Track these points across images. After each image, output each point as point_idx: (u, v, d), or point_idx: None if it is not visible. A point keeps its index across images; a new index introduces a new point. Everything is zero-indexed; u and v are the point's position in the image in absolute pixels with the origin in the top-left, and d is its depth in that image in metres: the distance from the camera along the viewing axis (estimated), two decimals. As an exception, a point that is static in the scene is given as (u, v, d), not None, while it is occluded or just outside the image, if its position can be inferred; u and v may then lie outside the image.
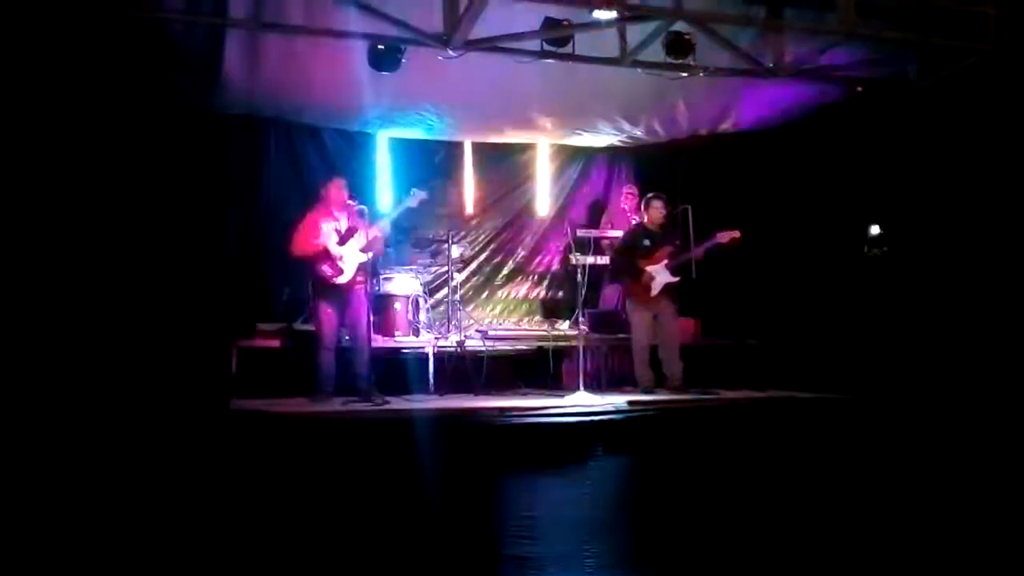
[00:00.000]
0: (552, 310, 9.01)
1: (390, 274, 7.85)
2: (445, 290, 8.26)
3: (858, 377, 6.61)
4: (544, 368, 7.73)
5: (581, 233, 8.38)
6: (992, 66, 6.25)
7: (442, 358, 7.47)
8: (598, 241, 8.58)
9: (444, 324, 8.06)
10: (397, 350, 7.48)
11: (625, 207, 8.83)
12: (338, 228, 6.57)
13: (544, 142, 9.30)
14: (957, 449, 5.50)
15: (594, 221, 9.20)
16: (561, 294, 9.14)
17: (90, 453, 4.41)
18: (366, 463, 4.82)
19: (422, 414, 5.54)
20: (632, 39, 6.45)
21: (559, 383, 7.54)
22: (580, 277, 6.99)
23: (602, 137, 9.06)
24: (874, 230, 7.23)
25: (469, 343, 7.61)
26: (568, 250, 8.11)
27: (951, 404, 5.75)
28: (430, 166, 8.85)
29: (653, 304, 7.13)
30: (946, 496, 5.34)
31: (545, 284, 9.34)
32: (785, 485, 5.34)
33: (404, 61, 6.26)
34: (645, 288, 7.12)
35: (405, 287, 7.90)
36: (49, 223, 4.96)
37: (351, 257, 6.51)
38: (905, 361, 6.54)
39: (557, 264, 9.30)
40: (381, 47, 6.21)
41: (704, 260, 7.17)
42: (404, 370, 7.35)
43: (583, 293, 7.03)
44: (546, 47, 6.33)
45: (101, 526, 4.28)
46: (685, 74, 6.78)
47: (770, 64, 6.76)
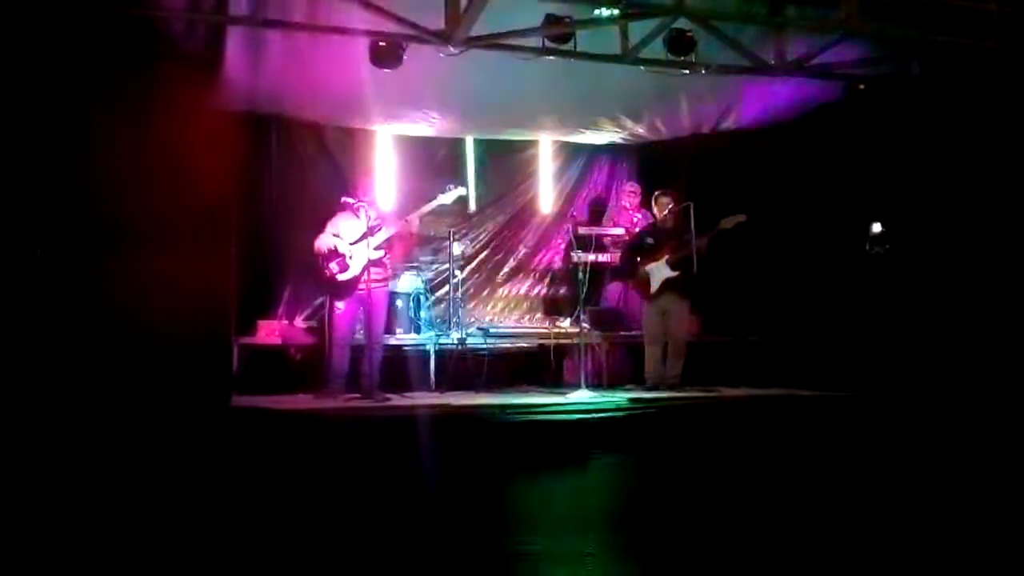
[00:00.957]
0: (554, 308, 9.00)
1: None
2: (447, 287, 8.25)
3: (860, 374, 6.61)
4: (545, 365, 7.74)
5: (583, 231, 8.38)
6: (995, 63, 6.24)
7: (443, 355, 7.48)
8: (600, 239, 8.56)
9: (446, 321, 8.06)
10: (399, 347, 7.49)
11: (627, 205, 8.82)
12: (356, 226, 6.57)
13: (546, 139, 9.27)
14: (960, 446, 5.49)
15: (596, 219, 9.20)
16: (563, 291, 9.13)
17: (92, 450, 4.41)
18: (367, 460, 4.82)
19: (423, 411, 5.55)
20: (634, 36, 6.44)
21: (560, 381, 7.56)
22: (582, 275, 7.00)
23: (604, 135, 9.03)
24: (876, 228, 7.21)
25: (470, 340, 7.61)
26: (570, 248, 8.11)
27: (954, 401, 5.74)
28: (432, 163, 8.85)
29: (660, 300, 7.13)
30: (949, 493, 5.33)
31: (547, 281, 9.31)
32: (787, 483, 5.33)
33: (405, 58, 6.26)
34: (644, 284, 7.12)
35: (407, 284, 7.90)
36: (49, 218, 4.96)
37: (360, 254, 6.50)
38: (907, 358, 6.53)
39: (559, 261, 9.28)
40: (382, 44, 6.20)
41: (707, 255, 7.08)
42: (406, 367, 7.36)
43: (584, 290, 7.03)
44: (548, 44, 6.32)
45: (102, 523, 4.28)
46: (687, 71, 6.76)
47: (772, 61, 6.75)
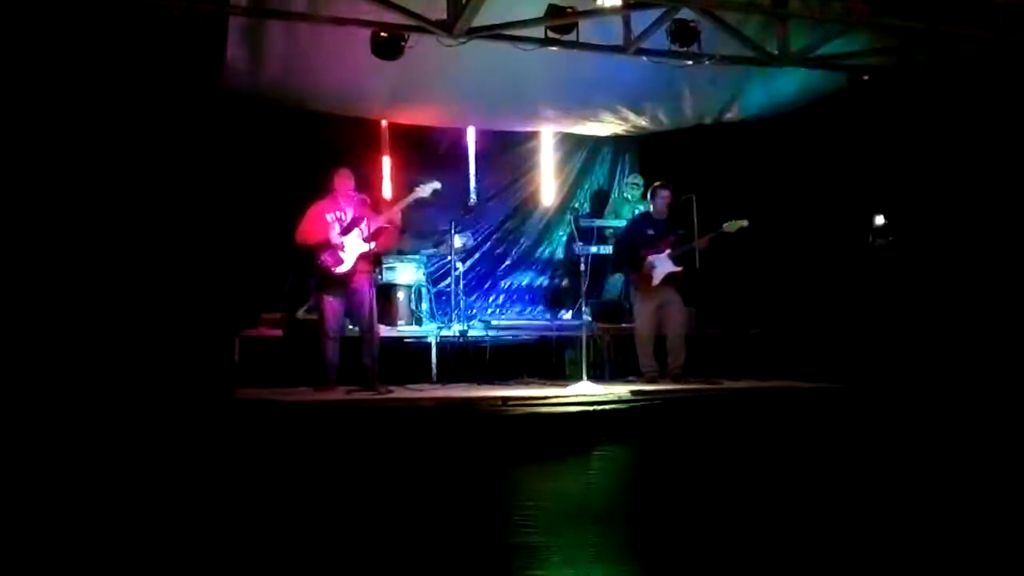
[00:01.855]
0: (555, 300, 9.00)
1: (393, 263, 7.82)
2: (448, 279, 8.24)
3: (862, 367, 6.59)
4: (547, 358, 7.72)
5: (585, 223, 8.35)
6: (1000, 54, 6.21)
7: (445, 347, 7.48)
8: (602, 231, 8.55)
9: (447, 313, 8.05)
10: (400, 339, 7.48)
11: (629, 197, 8.81)
12: (342, 218, 6.57)
13: (548, 131, 9.26)
14: (961, 439, 5.49)
15: (598, 210, 9.18)
16: (564, 283, 9.13)
17: (94, 443, 4.40)
18: (369, 452, 4.82)
19: (425, 403, 5.54)
20: (637, 27, 6.41)
21: (562, 373, 7.54)
22: (583, 267, 6.96)
23: (607, 126, 9.02)
24: (879, 220, 7.19)
25: (472, 332, 7.60)
26: (572, 240, 8.08)
27: (955, 394, 5.73)
28: (434, 154, 8.83)
29: (657, 294, 7.11)
30: (950, 487, 5.33)
31: (548, 274, 9.32)
32: (788, 475, 5.33)
33: (408, 49, 6.23)
34: (647, 278, 7.10)
35: (408, 276, 7.89)
36: (51, 212, 4.95)
37: (352, 247, 6.51)
38: (909, 351, 6.52)
39: (560, 253, 9.28)
40: (384, 34, 6.18)
41: (708, 249, 7.08)
42: (407, 359, 7.36)
43: (586, 283, 7.01)
44: (550, 35, 6.29)
45: (105, 516, 4.28)
46: (690, 62, 6.74)
47: (775, 52, 6.72)
